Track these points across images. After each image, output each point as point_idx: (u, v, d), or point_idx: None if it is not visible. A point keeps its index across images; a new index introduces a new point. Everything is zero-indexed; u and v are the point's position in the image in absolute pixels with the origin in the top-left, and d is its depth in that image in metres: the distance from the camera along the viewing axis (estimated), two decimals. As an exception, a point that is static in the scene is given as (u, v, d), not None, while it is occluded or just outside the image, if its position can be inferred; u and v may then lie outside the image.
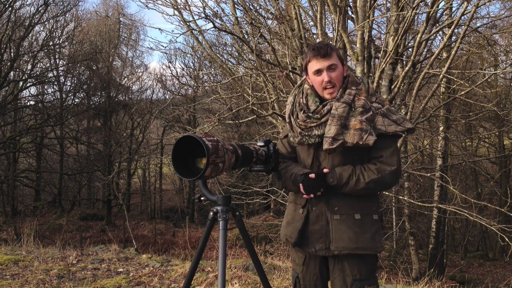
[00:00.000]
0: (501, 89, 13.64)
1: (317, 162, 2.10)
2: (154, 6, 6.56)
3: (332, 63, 2.01)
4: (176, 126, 19.69)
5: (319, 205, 2.07)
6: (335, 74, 2.03)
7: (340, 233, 2.02)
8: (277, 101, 6.16)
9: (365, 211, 2.06)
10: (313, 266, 2.15)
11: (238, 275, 4.34)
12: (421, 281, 5.30)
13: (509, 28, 7.86)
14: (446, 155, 12.03)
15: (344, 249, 2.00)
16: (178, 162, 1.91)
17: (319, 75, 2.04)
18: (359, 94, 2.05)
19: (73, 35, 20.62)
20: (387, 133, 2.00)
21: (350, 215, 2.03)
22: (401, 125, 2.02)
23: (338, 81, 2.04)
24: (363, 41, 5.59)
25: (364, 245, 2.01)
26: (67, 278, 4.33)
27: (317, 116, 2.05)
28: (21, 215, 19.17)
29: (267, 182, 8.28)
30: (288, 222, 2.20)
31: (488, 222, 6.30)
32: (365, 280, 2.04)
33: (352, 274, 2.03)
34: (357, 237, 2.01)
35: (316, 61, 2.02)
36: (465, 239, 15.81)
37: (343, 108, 2.00)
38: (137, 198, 25.81)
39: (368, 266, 2.07)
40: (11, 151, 18.73)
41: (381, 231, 2.11)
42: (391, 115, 2.04)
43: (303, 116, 2.09)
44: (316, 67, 2.02)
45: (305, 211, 2.10)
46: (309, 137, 2.06)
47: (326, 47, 2.02)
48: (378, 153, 2.03)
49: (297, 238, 2.10)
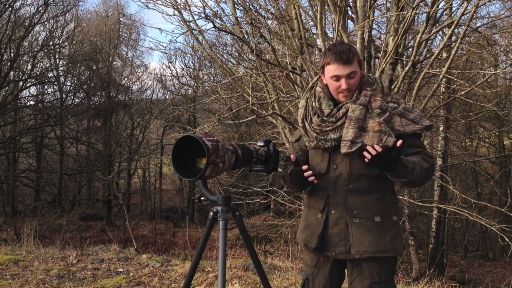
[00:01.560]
0: (501, 89, 13.62)
1: (334, 165, 2.06)
2: (154, 6, 6.56)
3: (352, 70, 1.95)
4: (176, 126, 19.69)
5: (338, 208, 2.04)
6: (353, 81, 1.98)
7: (361, 237, 1.99)
8: (277, 101, 6.16)
9: (385, 213, 2.03)
10: (325, 269, 2.13)
11: (238, 275, 4.34)
12: (421, 281, 5.30)
13: (509, 28, 7.85)
14: (446, 155, 12.02)
15: (365, 252, 1.98)
16: (178, 162, 1.91)
17: (336, 81, 1.98)
18: (374, 95, 2.01)
19: (73, 35, 20.62)
20: (406, 133, 1.97)
21: (370, 218, 2.01)
22: (419, 124, 1.99)
23: (355, 87, 2.00)
24: (363, 41, 5.59)
25: (385, 248, 1.99)
26: (67, 278, 4.33)
27: (332, 119, 2.02)
28: (21, 215, 19.17)
29: (267, 182, 8.28)
30: (306, 227, 2.16)
31: (488, 222, 6.30)
32: (384, 283, 2.02)
33: (371, 277, 2.01)
34: (377, 240, 1.98)
35: (337, 66, 1.95)
36: (465, 239, 15.81)
37: (360, 110, 1.97)
38: (137, 198, 25.79)
39: (388, 268, 2.04)
40: (11, 151, 18.72)
41: (401, 232, 2.09)
42: (408, 114, 2.01)
43: (317, 120, 2.05)
44: (336, 73, 1.96)
45: (324, 215, 2.07)
46: (325, 141, 2.03)
47: (349, 53, 1.94)
48: (415, 149, 2.00)
49: (317, 243, 2.07)
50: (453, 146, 13.43)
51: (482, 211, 13.20)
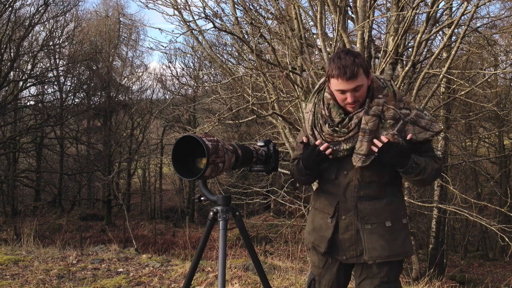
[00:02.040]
0: (501, 89, 13.63)
1: (345, 172, 2.03)
2: (154, 6, 6.56)
3: (357, 85, 1.87)
4: (176, 126, 19.69)
5: (348, 214, 2.03)
6: (360, 93, 1.91)
7: (373, 243, 1.99)
8: (277, 101, 6.16)
9: (395, 217, 2.03)
10: (332, 270, 2.14)
11: (238, 275, 4.34)
12: (421, 281, 5.30)
13: (509, 28, 7.85)
14: (446, 155, 12.02)
15: (378, 258, 1.99)
16: (178, 162, 1.91)
17: (342, 93, 1.92)
18: (387, 102, 1.95)
19: (73, 35, 20.63)
20: (418, 141, 1.95)
21: (381, 223, 2.01)
22: (430, 130, 1.97)
23: (362, 98, 1.94)
24: (363, 41, 5.59)
25: (396, 252, 2.00)
26: (67, 278, 4.33)
27: (345, 130, 1.96)
28: (21, 215, 19.17)
29: (267, 182, 8.28)
30: (314, 230, 2.15)
31: (488, 222, 6.29)
32: (392, 283, 2.04)
33: (380, 277, 2.02)
34: (389, 245, 1.99)
35: (340, 82, 1.87)
36: (465, 239, 15.82)
37: (373, 122, 1.92)
38: (137, 198, 25.80)
39: (396, 268, 2.06)
40: (11, 151, 18.72)
41: (410, 234, 2.10)
42: (420, 121, 1.97)
43: (329, 130, 1.99)
44: (340, 88, 1.90)
45: (334, 220, 2.06)
46: (337, 152, 1.99)
47: (353, 67, 1.83)
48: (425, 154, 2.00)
49: (327, 248, 2.08)
50: (453, 146, 13.42)
51: (482, 211, 13.20)
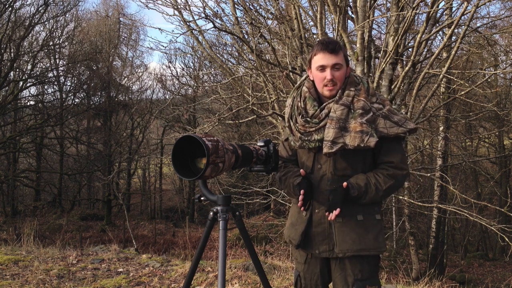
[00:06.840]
0: (501, 89, 13.64)
1: (318, 165, 2.08)
2: (154, 6, 6.58)
3: (337, 62, 1.98)
4: (176, 126, 19.68)
5: (321, 208, 2.06)
6: (338, 73, 2.00)
7: (343, 236, 2.01)
8: (277, 101, 6.16)
9: (367, 212, 2.05)
10: (314, 265, 2.15)
11: (238, 275, 4.34)
12: (421, 281, 5.30)
13: (509, 28, 7.85)
14: (446, 155, 12.03)
15: (348, 251, 2.00)
16: (178, 162, 1.90)
17: (322, 71, 2.00)
18: (358, 95, 2.01)
19: (73, 35, 20.65)
20: (389, 135, 1.98)
21: (352, 217, 2.02)
22: (403, 126, 1.99)
23: (340, 81, 2.02)
24: (363, 41, 5.59)
25: (368, 246, 2.01)
26: (67, 278, 4.33)
27: (316, 120, 2.03)
28: (21, 215, 19.16)
29: (267, 182, 8.27)
30: (292, 224, 2.19)
31: (488, 222, 6.30)
32: (367, 280, 2.03)
33: (354, 274, 2.03)
34: (360, 239, 2.00)
35: (323, 56, 1.98)
36: (465, 239, 15.83)
37: (341, 111, 1.98)
38: (137, 198, 25.81)
39: (370, 266, 2.06)
40: (11, 151, 18.73)
41: (384, 231, 2.10)
42: (393, 116, 2.02)
43: (301, 120, 2.07)
44: (321, 63, 1.99)
45: (308, 213, 2.10)
46: (309, 142, 2.04)
47: (335, 44, 2.00)
48: (388, 158, 2.02)
49: (300, 241, 2.11)
50: (453, 146, 13.42)
51: (482, 211, 13.21)
